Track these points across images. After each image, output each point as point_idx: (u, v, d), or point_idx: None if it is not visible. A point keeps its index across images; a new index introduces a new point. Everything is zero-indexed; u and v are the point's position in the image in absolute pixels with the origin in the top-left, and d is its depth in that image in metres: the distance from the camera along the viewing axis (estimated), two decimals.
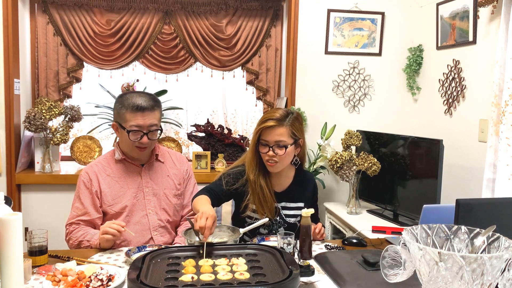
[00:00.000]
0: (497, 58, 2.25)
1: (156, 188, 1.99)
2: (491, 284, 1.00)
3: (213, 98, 3.49)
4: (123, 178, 1.95)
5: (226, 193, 1.93)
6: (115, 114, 1.93)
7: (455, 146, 2.75)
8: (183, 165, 2.11)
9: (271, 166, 1.89)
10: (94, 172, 1.94)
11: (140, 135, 1.87)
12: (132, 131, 1.86)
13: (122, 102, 1.88)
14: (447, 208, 1.67)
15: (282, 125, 1.86)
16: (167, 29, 3.25)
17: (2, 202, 1.38)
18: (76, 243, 1.85)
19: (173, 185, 2.03)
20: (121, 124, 1.89)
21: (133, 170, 1.98)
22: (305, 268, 1.45)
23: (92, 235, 1.83)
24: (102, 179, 1.93)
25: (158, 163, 2.03)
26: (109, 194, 1.92)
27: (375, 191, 2.88)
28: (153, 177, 2.00)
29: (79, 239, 1.84)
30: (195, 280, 1.33)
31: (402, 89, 3.30)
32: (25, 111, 2.95)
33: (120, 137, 1.95)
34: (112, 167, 1.97)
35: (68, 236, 1.90)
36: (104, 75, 3.30)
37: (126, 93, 1.98)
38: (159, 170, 2.02)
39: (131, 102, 1.86)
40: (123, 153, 1.97)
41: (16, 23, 2.90)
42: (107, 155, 2.02)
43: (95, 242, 1.79)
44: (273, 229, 1.96)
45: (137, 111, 1.85)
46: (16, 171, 2.93)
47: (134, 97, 1.88)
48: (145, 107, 1.85)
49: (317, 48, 3.19)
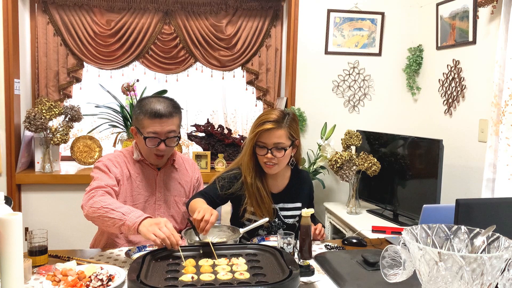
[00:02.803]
0: (497, 58, 2.25)
1: (167, 194, 1.96)
2: (491, 284, 1.00)
3: (213, 98, 3.49)
4: (139, 178, 1.91)
5: (221, 197, 1.92)
6: (134, 118, 1.89)
7: (455, 146, 2.75)
8: (195, 173, 2.08)
9: (269, 168, 1.88)
10: (118, 162, 1.87)
11: (157, 141, 1.82)
12: (149, 138, 1.81)
13: (141, 107, 1.83)
14: (447, 208, 1.67)
15: (280, 127, 1.84)
16: (167, 29, 3.25)
17: (2, 202, 1.38)
18: (102, 205, 1.59)
19: (183, 193, 2.01)
20: (139, 129, 1.85)
21: (150, 173, 1.94)
22: (305, 268, 1.45)
23: (130, 210, 1.58)
24: (124, 172, 1.86)
25: (173, 169, 2.00)
26: (123, 190, 1.86)
27: (375, 191, 2.88)
28: (167, 182, 1.96)
29: (110, 206, 1.58)
30: (195, 280, 1.33)
31: (402, 89, 3.30)
32: (25, 111, 2.95)
33: (138, 142, 1.90)
34: (131, 165, 1.91)
35: (90, 196, 1.65)
36: (104, 75, 3.30)
37: (146, 97, 1.89)
38: (172, 177, 1.99)
39: (150, 108, 1.81)
40: (141, 155, 1.92)
41: (16, 23, 2.91)
42: (125, 152, 1.95)
43: (134, 222, 1.52)
44: (272, 230, 1.95)
45: (155, 117, 1.79)
46: (16, 171, 2.93)
47: (153, 103, 1.82)
48: (163, 114, 1.80)
49: (317, 48, 3.19)
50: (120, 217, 1.56)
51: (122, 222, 1.55)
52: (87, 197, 1.68)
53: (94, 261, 1.64)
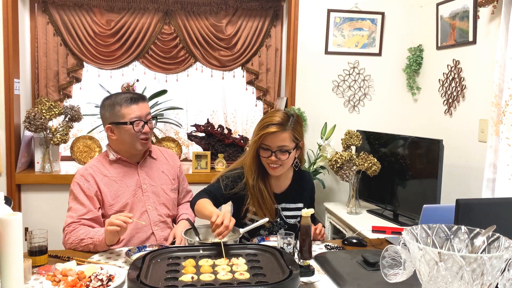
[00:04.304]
0: (497, 58, 2.25)
1: (153, 184, 2.01)
2: (491, 284, 1.00)
3: (213, 98, 3.49)
4: (120, 177, 1.95)
5: (225, 196, 1.92)
6: (106, 117, 1.93)
7: (455, 146, 2.75)
8: (175, 162, 2.15)
9: (273, 170, 1.87)
10: (90, 174, 1.92)
11: (141, 124, 1.91)
12: (135, 122, 1.89)
13: (112, 103, 1.91)
14: (447, 208, 1.67)
15: (284, 130, 1.83)
16: (167, 29, 3.25)
17: (2, 202, 1.38)
18: (77, 241, 1.78)
19: (168, 181, 2.07)
20: (119, 122, 1.89)
21: (130, 168, 1.99)
22: (305, 268, 1.45)
23: (95, 232, 1.78)
24: (100, 180, 1.92)
25: (152, 160, 2.06)
26: (108, 194, 1.91)
27: (375, 191, 2.88)
28: (149, 173, 2.02)
29: (81, 237, 1.77)
30: (195, 280, 1.33)
31: (402, 89, 3.30)
32: (25, 111, 2.95)
33: (118, 136, 1.92)
34: (108, 168, 1.96)
35: (68, 236, 1.82)
36: (104, 75, 3.30)
37: (109, 95, 1.98)
38: (154, 167, 2.05)
39: (122, 98, 1.91)
40: (117, 153, 1.97)
41: (16, 23, 2.91)
42: (99, 157, 2.01)
43: (100, 238, 1.72)
44: (273, 230, 1.95)
45: (132, 103, 1.90)
46: (16, 171, 2.93)
47: (120, 95, 1.93)
48: (137, 98, 1.92)
49: (317, 48, 3.19)
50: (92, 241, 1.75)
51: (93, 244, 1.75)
52: (64, 236, 1.85)
53: (94, 261, 1.64)
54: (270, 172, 1.90)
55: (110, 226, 1.66)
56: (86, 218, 1.86)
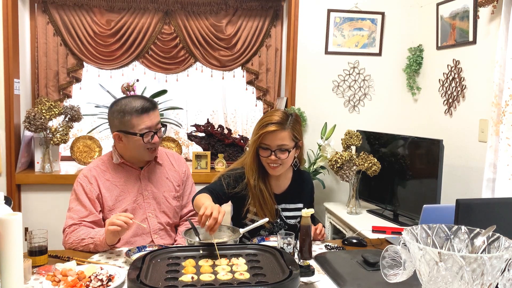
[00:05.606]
0: (497, 58, 2.25)
1: (155, 191, 1.97)
2: (491, 284, 1.00)
3: (213, 98, 3.49)
4: (122, 182, 1.93)
5: (227, 195, 1.91)
6: (115, 123, 1.88)
7: (455, 146, 2.75)
8: (182, 167, 2.09)
9: (273, 169, 1.87)
10: (93, 176, 1.90)
11: (151, 135, 1.87)
12: (145, 134, 1.84)
13: (122, 110, 1.85)
14: (447, 208, 1.67)
15: (283, 129, 1.83)
16: (167, 29, 3.25)
17: (2, 202, 1.38)
18: (77, 241, 1.76)
19: (172, 188, 2.01)
20: (128, 131, 1.85)
21: (132, 173, 1.95)
22: (305, 268, 1.45)
23: (96, 232, 1.77)
24: (102, 184, 1.90)
25: (157, 165, 2.01)
26: (109, 198, 1.90)
27: (375, 191, 2.87)
28: (152, 180, 1.97)
29: (81, 237, 1.76)
30: (195, 280, 1.33)
31: (402, 89, 3.30)
32: (25, 111, 2.95)
33: (127, 144, 1.89)
34: (111, 171, 1.93)
35: (68, 236, 1.81)
36: (104, 75, 3.30)
37: (119, 100, 1.91)
38: (158, 173, 2.00)
39: (133, 106, 1.84)
40: (122, 157, 1.94)
41: (16, 23, 2.90)
42: (104, 158, 1.99)
43: (101, 238, 1.71)
44: (273, 231, 1.95)
45: (143, 113, 1.84)
46: (16, 171, 2.93)
47: (132, 102, 1.85)
48: (148, 108, 1.86)
49: (317, 48, 3.19)
50: (93, 241, 1.74)
51: (94, 244, 1.73)
52: (64, 236, 1.84)
53: (94, 261, 1.64)
54: (270, 172, 1.90)
55: (111, 226, 1.65)
56: (87, 221, 1.85)
